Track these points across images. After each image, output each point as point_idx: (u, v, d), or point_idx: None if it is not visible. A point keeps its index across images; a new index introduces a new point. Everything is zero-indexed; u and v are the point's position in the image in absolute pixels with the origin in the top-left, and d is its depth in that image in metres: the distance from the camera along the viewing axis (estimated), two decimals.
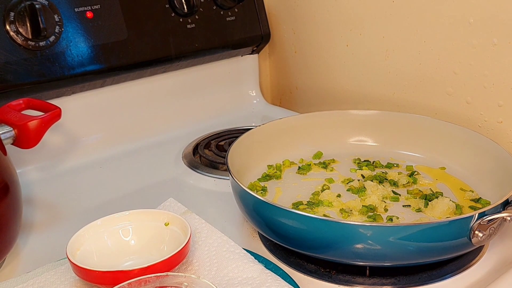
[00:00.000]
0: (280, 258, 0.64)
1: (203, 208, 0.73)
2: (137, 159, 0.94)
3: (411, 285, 0.60)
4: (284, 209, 0.59)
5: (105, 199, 0.81)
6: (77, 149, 0.92)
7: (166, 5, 0.96)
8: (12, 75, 0.79)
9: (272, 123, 0.83)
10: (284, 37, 1.16)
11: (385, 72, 0.97)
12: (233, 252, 0.59)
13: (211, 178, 0.85)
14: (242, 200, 0.65)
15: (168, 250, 0.58)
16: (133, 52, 0.92)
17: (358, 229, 0.55)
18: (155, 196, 0.78)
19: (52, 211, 0.79)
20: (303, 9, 1.09)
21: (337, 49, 1.05)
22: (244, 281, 0.55)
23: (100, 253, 0.59)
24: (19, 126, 0.68)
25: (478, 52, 0.83)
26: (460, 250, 0.59)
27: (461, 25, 0.84)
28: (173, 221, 0.61)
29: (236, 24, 1.05)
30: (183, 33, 0.98)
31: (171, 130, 1.02)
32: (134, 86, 0.97)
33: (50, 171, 0.88)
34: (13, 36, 0.79)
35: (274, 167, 0.80)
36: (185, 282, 0.49)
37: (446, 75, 0.88)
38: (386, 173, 0.77)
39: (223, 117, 1.08)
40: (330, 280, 0.60)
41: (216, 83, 1.09)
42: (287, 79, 1.19)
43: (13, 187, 0.63)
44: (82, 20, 0.86)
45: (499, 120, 0.83)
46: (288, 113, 1.09)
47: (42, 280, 0.58)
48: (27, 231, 0.72)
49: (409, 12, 0.90)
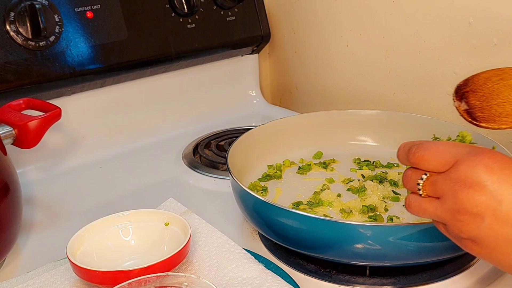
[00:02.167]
0: (280, 258, 0.64)
1: (203, 208, 0.73)
2: (137, 159, 0.94)
3: (411, 285, 0.60)
4: (284, 209, 0.59)
5: (105, 199, 0.81)
6: (77, 149, 0.92)
7: (166, 5, 0.96)
8: (12, 75, 0.79)
9: (272, 123, 0.83)
10: (284, 37, 1.16)
11: (385, 72, 0.97)
12: (233, 252, 0.59)
13: (211, 178, 0.85)
14: (242, 200, 0.65)
15: (168, 250, 0.57)
16: (133, 52, 0.92)
17: (358, 229, 0.55)
18: (155, 196, 0.78)
19: (52, 211, 0.79)
20: (303, 9, 1.09)
21: (337, 49, 1.05)
22: (244, 281, 0.55)
23: (100, 253, 0.59)
24: (19, 126, 0.68)
25: (478, 52, 0.83)
26: (460, 250, 0.59)
27: (461, 25, 0.84)
28: (173, 221, 0.61)
29: (236, 24, 1.05)
30: (183, 33, 0.98)
31: (171, 130, 1.02)
32: (134, 86, 0.97)
33: (50, 171, 0.88)
34: (13, 36, 0.79)
35: (274, 167, 0.80)
36: (185, 282, 0.49)
37: (446, 75, 0.88)
38: (386, 173, 0.77)
39: (223, 117, 1.08)
40: (330, 280, 0.60)
41: (216, 83, 1.09)
42: (287, 79, 1.19)
43: (13, 187, 0.63)
44: (82, 20, 0.86)
45: None
46: (288, 113, 1.09)
47: (42, 280, 0.58)
48: (27, 231, 0.72)
49: (409, 12, 0.90)
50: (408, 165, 0.50)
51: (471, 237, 0.44)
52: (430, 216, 0.48)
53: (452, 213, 0.45)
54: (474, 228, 0.44)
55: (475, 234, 0.44)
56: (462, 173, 0.45)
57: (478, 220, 0.43)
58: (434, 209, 0.47)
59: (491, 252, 0.44)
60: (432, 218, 0.48)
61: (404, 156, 0.50)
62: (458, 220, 0.44)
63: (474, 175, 0.44)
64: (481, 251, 0.45)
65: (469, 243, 0.45)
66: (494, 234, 0.43)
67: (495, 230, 0.43)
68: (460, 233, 0.45)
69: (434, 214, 0.47)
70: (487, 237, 0.44)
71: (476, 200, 0.43)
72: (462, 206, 0.44)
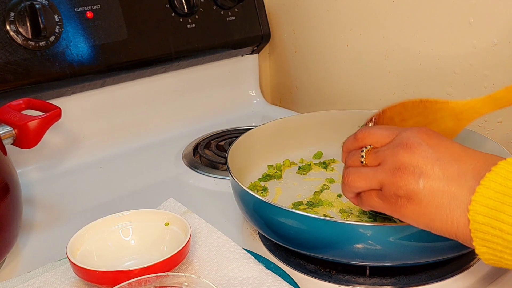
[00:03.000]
0: (280, 258, 0.64)
1: (203, 208, 0.73)
2: (137, 159, 0.94)
3: (411, 285, 0.60)
4: (284, 209, 0.59)
5: (105, 199, 0.81)
6: (77, 149, 0.92)
7: (166, 5, 0.96)
8: (12, 75, 0.79)
9: (272, 123, 0.83)
10: (284, 37, 1.16)
11: (385, 72, 0.97)
12: (233, 252, 0.59)
13: (211, 178, 0.85)
14: (242, 200, 0.65)
15: (168, 250, 0.57)
16: (133, 52, 0.92)
17: (358, 229, 0.55)
18: (155, 196, 0.78)
19: (52, 211, 0.79)
20: (303, 9, 1.09)
21: (337, 49, 1.05)
22: (244, 281, 0.55)
23: (100, 253, 0.59)
24: (19, 126, 0.68)
25: (478, 52, 0.83)
26: (460, 250, 0.59)
27: (461, 25, 0.84)
28: (173, 221, 0.61)
29: (236, 24, 1.05)
30: (183, 33, 0.98)
31: (171, 130, 1.02)
32: (134, 86, 0.97)
33: (50, 171, 0.88)
34: (13, 36, 0.79)
35: (274, 167, 0.80)
36: (185, 282, 0.49)
37: (446, 75, 0.88)
38: None
39: (223, 117, 1.08)
40: (330, 280, 0.60)
41: (216, 83, 1.09)
42: (287, 79, 1.19)
43: (13, 187, 0.63)
44: (82, 20, 0.86)
45: (499, 120, 0.83)
46: (288, 113, 1.09)
47: (42, 280, 0.58)
48: (27, 231, 0.72)
49: (409, 12, 0.90)
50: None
51: (408, 193, 0.47)
52: (366, 183, 0.51)
53: (392, 171, 0.48)
54: (412, 182, 0.46)
55: (412, 188, 0.46)
56: (404, 137, 0.49)
57: (417, 174, 0.46)
58: (373, 173, 0.50)
59: (424, 208, 0.46)
60: (368, 185, 0.50)
61: (351, 139, 0.55)
62: (397, 176, 0.47)
63: (416, 138, 0.48)
64: (414, 209, 0.47)
65: (404, 201, 0.47)
66: (429, 188, 0.46)
67: (431, 184, 0.46)
68: (398, 189, 0.47)
69: (372, 178, 0.50)
70: (423, 192, 0.46)
71: (416, 156, 0.47)
72: (402, 162, 0.47)
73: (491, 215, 0.42)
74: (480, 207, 0.43)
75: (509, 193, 0.42)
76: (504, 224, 0.41)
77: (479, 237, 0.43)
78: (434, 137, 0.49)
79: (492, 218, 0.42)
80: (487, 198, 0.42)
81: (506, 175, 0.42)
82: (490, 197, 0.42)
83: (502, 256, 0.43)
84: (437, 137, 0.49)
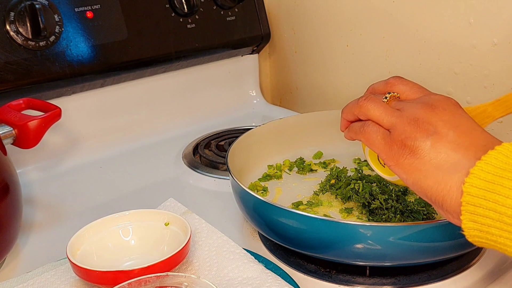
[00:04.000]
0: (280, 258, 0.64)
1: (203, 208, 0.73)
2: (137, 159, 0.94)
3: (411, 285, 0.60)
4: (284, 209, 0.59)
5: (105, 199, 0.81)
6: (77, 149, 0.92)
7: (166, 5, 0.96)
8: (12, 75, 0.79)
9: (272, 123, 0.83)
10: (284, 37, 1.16)
11: (385, 72, 0.97)
12: (233, 252, 0.59)
13: (211, 178, 0.85)
14: (242, 200, 0.65)
15: (168, 250, 0.57)
16: (133, 52, 0.92)
17: (358, 229, 0.55)
18: (155, 196, 0.78)
19: (52, 211, 0.79)
20: (303, 9, 1.09)
21: (337, 49, 1.05)
22: (244, 281, 0.55)
23: (100, 253, 0.59)
24: (19, 126, 0.68)
25: (478, 52, 0.83)
26: (460, 250, 0.59)
27: (461, 25, 0.84)
28: (173, 221, 0.61)
29: (236, 24, 1.05)
30: (183, 33, 0.98)
31: (171, 130, 1.02)
32: (134, 86, 0.97)
33: (50, 171, 0.88)
34: (13, 36, 0.79)
35: (274, 167, 0.80)
36: (185, 282, 0.49)
37: (446, 75, 0.88)
38: None
39: (223, 117, 1.08)
40: (330, 280, 0.60)
41: (216, 83, 1.09)
42: (287, 79, 1.19)
43: (13, 187, 0.63)
44: (82, 20, 0.86)
45: (499, 120, 0.83)
46: (288, 113, 1.09)
47: (42, 280, 0.58)
48: (27, 231, 0.72)
49: (409, 12, 0.90)
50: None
51: (415, 146, 0.47)
52: (380, 114, 0.50)
53: (409, 119, 0.48)
54: (423, 138, 0.46)
55: (420, 143, 0.46)
56: (432, 99, 0.50)
57: (430, 132, 0.47)
58: (391, 111, 0.50)
59: (423, 164, 0.46)
60: (381, 118, 0.50)
61: (382, 82, 0.56)
62: (412, 126, 0.47)
63: (442, 103, 0.49)
64: (413, 163, 0.47)
65: (406, 151, 0.47)
66: (437, 147, 0.46)
67: (440, 144, 0.46)
68: (406, 139, 0.47)
69: (388, 114, 0.50)
70: (429, 150, 0.46)
71: (437, 117, 0.47)
72: (421, 117, 0.48)
73: (487, 188, 0.41)
74: (477, 180, 0.42)
75: (508, 168, 0.41)
76: (500, 195, 0.41)
77: (468, 211, 0.42)
78: (459, 108, 0.49)
79: (488, 190, 0.41)
80: (485, 172, 0.42)
81: (508, 154, 0.42)
82: (489, 171, 0.42)
83: (489, 231, 0.41)
84: (462, 110, 0.49)
